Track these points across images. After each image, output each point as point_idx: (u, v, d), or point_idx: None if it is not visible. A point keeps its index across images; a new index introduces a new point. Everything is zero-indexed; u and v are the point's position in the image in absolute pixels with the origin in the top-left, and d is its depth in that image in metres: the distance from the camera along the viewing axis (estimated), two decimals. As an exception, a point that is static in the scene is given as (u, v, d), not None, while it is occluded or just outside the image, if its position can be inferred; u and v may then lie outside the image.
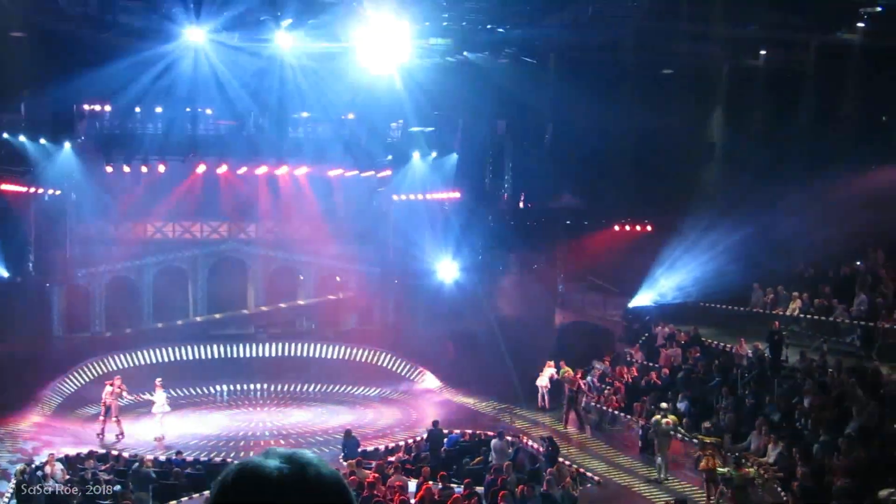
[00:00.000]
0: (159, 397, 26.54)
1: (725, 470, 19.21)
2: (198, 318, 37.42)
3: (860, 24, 26.74)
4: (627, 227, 36.38)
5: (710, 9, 25.89)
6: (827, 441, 18.10)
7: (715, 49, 30.08)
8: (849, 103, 29.65)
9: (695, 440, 21.32)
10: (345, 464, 21.41)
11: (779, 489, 17.54)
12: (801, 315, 27.87)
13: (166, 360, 34.57)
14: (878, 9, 23.19)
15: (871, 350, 24.03)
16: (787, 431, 20.11)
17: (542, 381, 29.19)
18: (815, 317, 27.34)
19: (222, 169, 35.29)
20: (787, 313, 28.14)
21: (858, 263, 29.06)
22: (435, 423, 25.32)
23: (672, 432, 21.99)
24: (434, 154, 35.59)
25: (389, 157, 35.76)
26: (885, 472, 16.37)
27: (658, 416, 22.23)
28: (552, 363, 29.02)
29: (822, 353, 23.59)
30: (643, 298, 32.30)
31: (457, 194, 36.33)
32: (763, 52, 30.73)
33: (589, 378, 28.26)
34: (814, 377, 22.13)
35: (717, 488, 19.29)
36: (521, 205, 36.59)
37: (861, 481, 16.14)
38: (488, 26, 25.56)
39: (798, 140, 30.54)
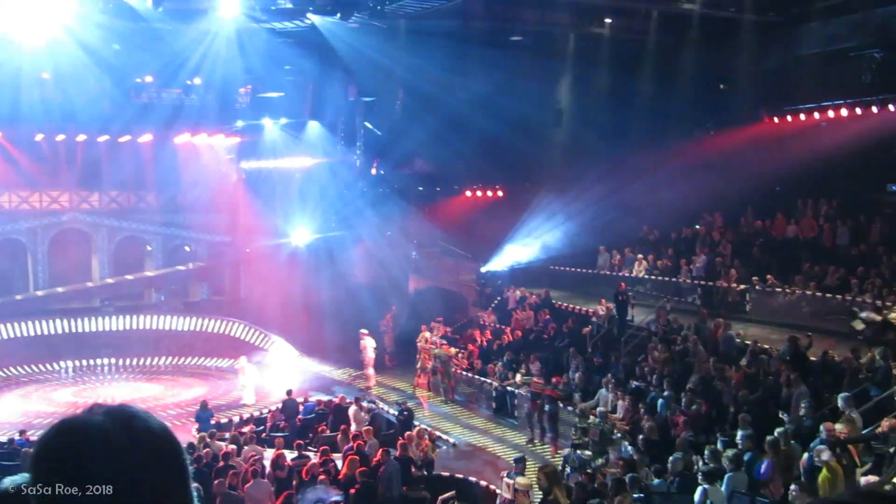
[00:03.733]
0: None
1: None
2: (38, 293, 35.86)
3: (700, -6, 27.67)
4: (479, 193, 36.81)
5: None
6: (670, 396, 18.87)
7: (562, 16, 30.58)
8: (688, 71, 30.64)
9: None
10: (198, 436, 21.05)
11: (626, 443, 18.17)
12: (646, 276, 28.91)
13: (5, 336, 33.04)
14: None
15: (710, 307, 25.15)
16: (633, 388, 20.85)
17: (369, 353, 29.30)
18: (659, 277, 28.42)
19: (61, 137, 33.73)
20: (633, 275, 29.14)
21: (698, 226, 30.33)
22: (289, 392, 25.16)
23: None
24: (284, 120, 34.95)
25: (239, 123, 34.92)
26: (720, 422, 17.23)
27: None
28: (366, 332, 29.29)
29: (665, 311, 24.52)
30: (495, 263, 32.81)
31: (309, 161, 35.88)
32: (608, 21, 31.40)
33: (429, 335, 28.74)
34: (657, 335, 23.02)
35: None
36: (374, 171, 36.42)
37: (701, 432, 16.93)
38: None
39: (641, 106, 31.43)
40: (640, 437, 17.46)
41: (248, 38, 27.63)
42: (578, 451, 18.01)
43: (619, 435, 18.93)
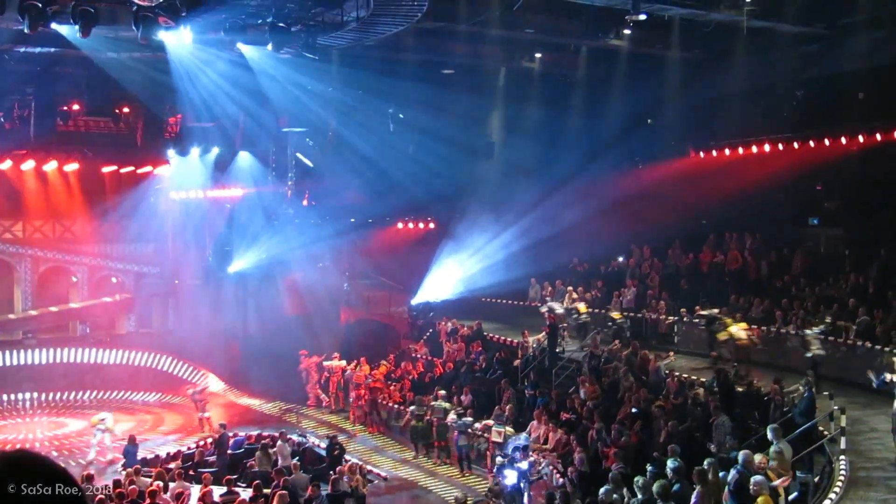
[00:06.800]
0: None
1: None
2: (-42, 325, 34.80)
3: (627, 31, 28.18)
4: (411, 225, 36.85)
5: (488, 11, 26.53)
6: (602, 427, 18.99)
7: (493, 50, 30.93)
8: (617, 106, 31.15)
9: None
10: (123, 473, 20.55)
11: (557, 475, 18.22)
12: (576, 308, 29.13)
13: (-79, 370, 31.99)
14: (642, 16, 24.54)
15: (640, 339, 25.43)
16: (564, 420, 20.93)
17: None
18: (589, 309, 28.67)
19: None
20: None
21: (623, 258, 30.79)
22: (223, 426, 24.71)
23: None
24: (216, 150, 34.58)
25: (170, 152, 34.44)
26: (648, 454, 17.36)
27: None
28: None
29: (595, 343, 24.73)
30: (427, 294, 32.82)
31: (240, 191, 35.56)
32: (538, 55, 31.86)
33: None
34: (588, 367, 23.20)
35: None
36: (305, 202, 36.21)
37: (632, 464, 17.04)
38: (269, 20, 25.08)
39: (571, 140, 31.87)
40: (571, 469, 17.53)
41: (180, 67, 27.39)
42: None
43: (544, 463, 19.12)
